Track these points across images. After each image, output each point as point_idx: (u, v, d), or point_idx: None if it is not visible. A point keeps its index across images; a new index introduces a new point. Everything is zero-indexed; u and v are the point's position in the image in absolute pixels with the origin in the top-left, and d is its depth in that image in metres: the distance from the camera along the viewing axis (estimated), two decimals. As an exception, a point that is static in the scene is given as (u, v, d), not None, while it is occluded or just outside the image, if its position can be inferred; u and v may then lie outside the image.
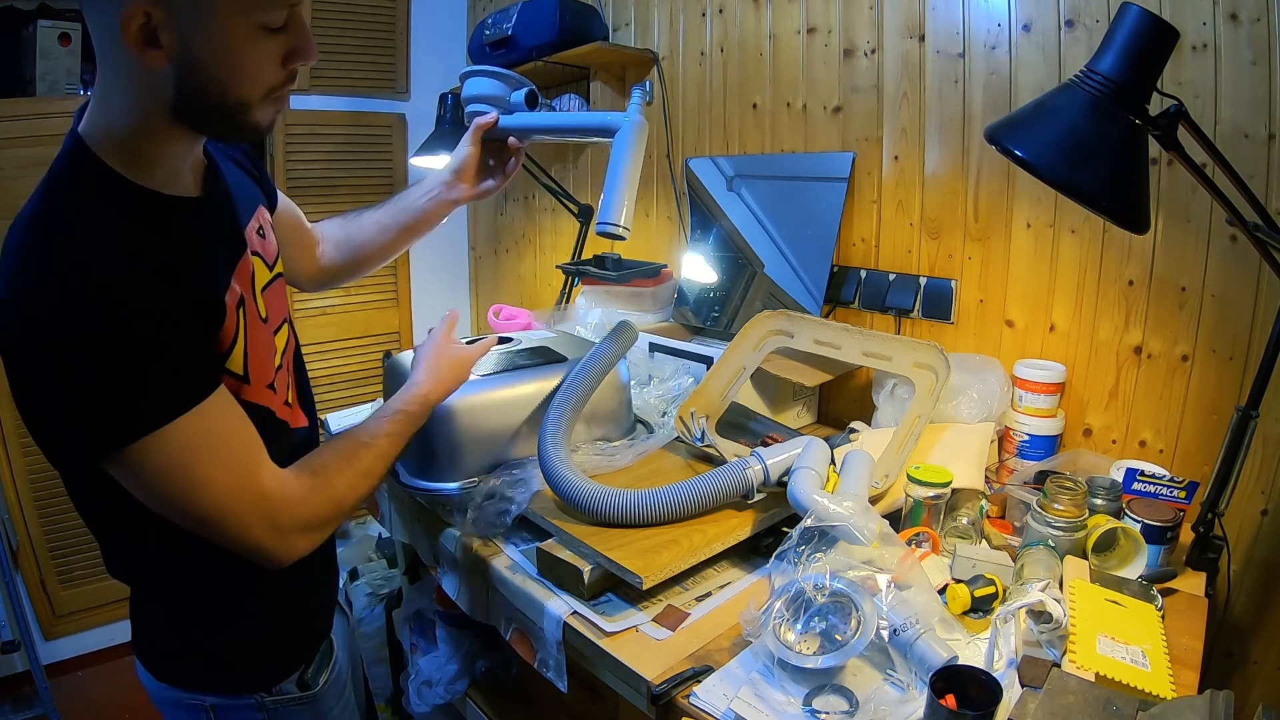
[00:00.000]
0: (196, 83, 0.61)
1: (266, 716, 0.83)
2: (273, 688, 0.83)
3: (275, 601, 0.84)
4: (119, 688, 2.14)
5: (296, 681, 0.85)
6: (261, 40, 0.62)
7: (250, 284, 0.77)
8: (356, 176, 2.52)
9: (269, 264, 0.84)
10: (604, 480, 0.99)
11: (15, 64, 1.95)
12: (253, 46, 0.62)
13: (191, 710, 0.81)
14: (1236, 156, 0.96)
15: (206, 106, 0.63)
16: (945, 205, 1.38)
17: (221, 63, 0.61)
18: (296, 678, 0.86)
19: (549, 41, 1.87)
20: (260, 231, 0.83)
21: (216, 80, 0.62)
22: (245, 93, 0.64)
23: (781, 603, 0.77)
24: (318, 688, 0.88)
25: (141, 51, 0.59)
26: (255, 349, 0.75)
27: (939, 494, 0.97)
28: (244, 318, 0.74)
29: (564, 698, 0.94)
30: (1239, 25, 1.01)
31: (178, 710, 0.82)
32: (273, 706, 0.83)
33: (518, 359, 1.18)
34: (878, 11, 1.42)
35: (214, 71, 0.61)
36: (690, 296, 1.74)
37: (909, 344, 1.16)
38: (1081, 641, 0.73)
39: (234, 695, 0.82)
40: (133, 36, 0.58)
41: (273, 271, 0.85)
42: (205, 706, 0.81)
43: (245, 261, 0.77)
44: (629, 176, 1.06)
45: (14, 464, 1.99)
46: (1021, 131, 0.82)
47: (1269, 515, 1.06)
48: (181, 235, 0.68)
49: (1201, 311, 1.10)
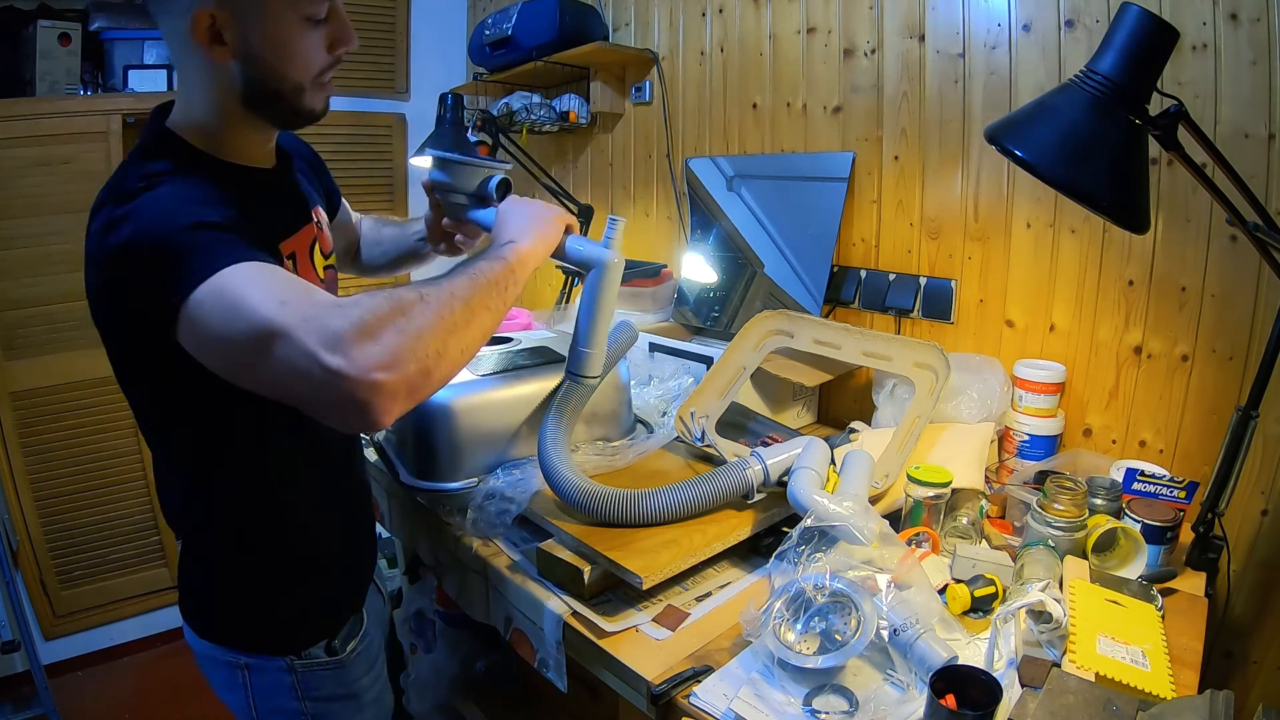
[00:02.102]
0: (258, 72, 0.72)
1: (295, 679, 0.86)
2: (301, 652, 0.86)
3: (306, 570, 0.87)
4: (119, 688, 2.14)
5: (325, 647, 0.88)
6: (308, 31, 0.72)
7: (309, 252, 0.85)
8: (357, 176, 2.51)
9: (324, 252, 0.91)
10: (604, 480, 0.99)
11: (15, 64, 1.95)
12: (301, 37, 0.72)
13: (228, 667, 0.85)
14: (1236, 156, 0.96)
15: (269, 93, 0.73)
16: (945, 205, 1.38)
17: (276, 53, 0.71)
18: (325, 644, 0.88)
19: (549, 41, 1.87)
20: (319, 223, 0.91)
21: (274, 68, 0.72)
22: (297, 76, 0.74)
23: (781, 603, 0.77)
24: (345, 654, 0.90)
25: (210, 49, 0.69)
26: None
27: (939, 494, 0.97)
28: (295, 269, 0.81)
29: (564, 698, 0.94)
30: (1239, 25, 1.01)
31: (217, 668, 0.86)
32: (301, 670, 0.86)
33: (518, 359, 1.18)
34: (878, 11, 1.42)
35: (271, 60, 0.71)
36: (690, 296, 1.74)
37: (909, 344, 1.16)
38: (1081, 641, 0.73)
39: (265, 655, 0.85)
40: (202, 36, 0.68)
41: (328, 259, 0.92)
42: (240, 664, 0.85)
43: (307, 230, 0.86)
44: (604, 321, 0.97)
45: (14, 464, 1.99)
46: (1021, 131, 0.82)
47: (1269, 515, 1.06)
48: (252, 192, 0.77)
49: (1201, 311, 1.10)
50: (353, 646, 0.91)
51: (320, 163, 1.03)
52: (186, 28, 0.67)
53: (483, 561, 0.99)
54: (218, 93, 0.73)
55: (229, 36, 0.69)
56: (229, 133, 0.76)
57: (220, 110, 0.74)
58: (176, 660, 2.23)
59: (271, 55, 0.71)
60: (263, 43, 0.70)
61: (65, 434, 2.04)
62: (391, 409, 0.63)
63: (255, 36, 0.70)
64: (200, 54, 0.69)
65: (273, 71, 0.72)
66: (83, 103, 1.95)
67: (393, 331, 0.62)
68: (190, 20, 0.67)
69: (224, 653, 0.85)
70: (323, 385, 0.60)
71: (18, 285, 1.92)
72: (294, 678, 0.86)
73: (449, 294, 0.69)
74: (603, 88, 2.01)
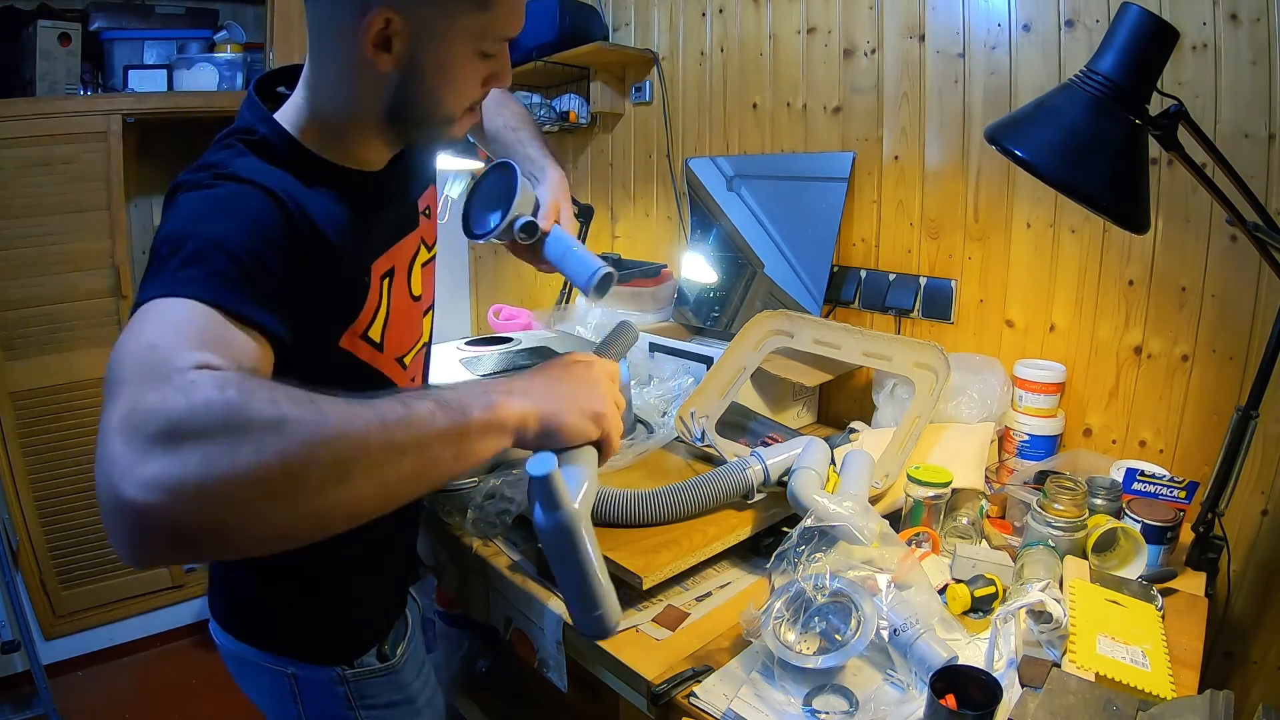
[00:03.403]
0: (416, 92, 0.66)
1: (348, 690, 0.83)
2: (354, 660, 0.83)
3: (357, 572, 0.83)
4: (119, 688, 2.14)
5: (377, 654, 0.85)
6: (477, 63, 0.68)
7: (409, 261, 0.80)
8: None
9: (428, 245, 0.87)
10: (604, 480, 0.99)
11: (15, 64, 1.95)
12: (470, 68, 0.67)
13: (274, 675, 0.81)
14: (1236, 156, 0.96)
15: (418, 116, 0.68)
16: (945, 205, 1.38)
17: (443, 78, 0.66)
18: (375, 650, 0.85)
19: (549, 41, 1.87)
20: (426, 211, 0.86)
21: (433, 92, 0.67)
22: (452, 106, 0.69)
23: (781, 603, 0.77)
24: (396, 658, 0.87)
25: (375, 54, 0.63)
26: (398, 321, 0.77)
27: (939, 494, 0.97)
28: (389, 290, 0.75)
29: (564, 698, 0.94)
30: (1239, 25, 1.01)
31: (257, 672, 0.82)
32: (354, 680, 0.83)
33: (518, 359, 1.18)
34: (878, 11, 1.42)
35: (432, 83, 0.66)
36: (690, 296, 1.74)
37: (909, 344, 1.16)
38: (1081, 641, 0.73)
39: (315, 665, 0.81)
40: (373, 37, 0.62)
41: (430, 251, 0.88)
42: (288, 674, 0.81)
43: (411, 238, 0.81)
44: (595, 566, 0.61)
45: (14, 464, 1.99)
46: (1021, 131, 0.82)
47: (1269, 515, 1.06)
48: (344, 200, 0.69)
49: (1201, 311, 1.10)
50: (402, 650, 0.88)
51: None
52: (358, 23, 0.61)
53: (483, 561, 0.99)
54: (361, 97, 0.67)
55: (399, 46, 0.63)
56: (352, 136, 0.70)
57: (356, 115, 0.68)
58: (176, 660, 2.23)
59: (436, 79, 0.66)
60: (433, 64, 0.65)
61: (65, 434, 2.03)
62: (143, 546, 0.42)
63: (427, 56, 0.64)
64: (359, 54, 0.63)
65: (431, 95, 0.67)
66: (83, 103, 1.95)
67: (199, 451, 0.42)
68: (366, 18, 0.61)
69: (267, 658, 0.81)
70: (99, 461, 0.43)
71: (18, 285, 1.91)
72: (347, 689, 0.83)
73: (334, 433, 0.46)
74: (603, 88, 2.01)
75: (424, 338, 0.87)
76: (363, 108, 0.68)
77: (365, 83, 0.66)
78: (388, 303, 0.75)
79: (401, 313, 0.78)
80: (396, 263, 0.77)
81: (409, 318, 0.81)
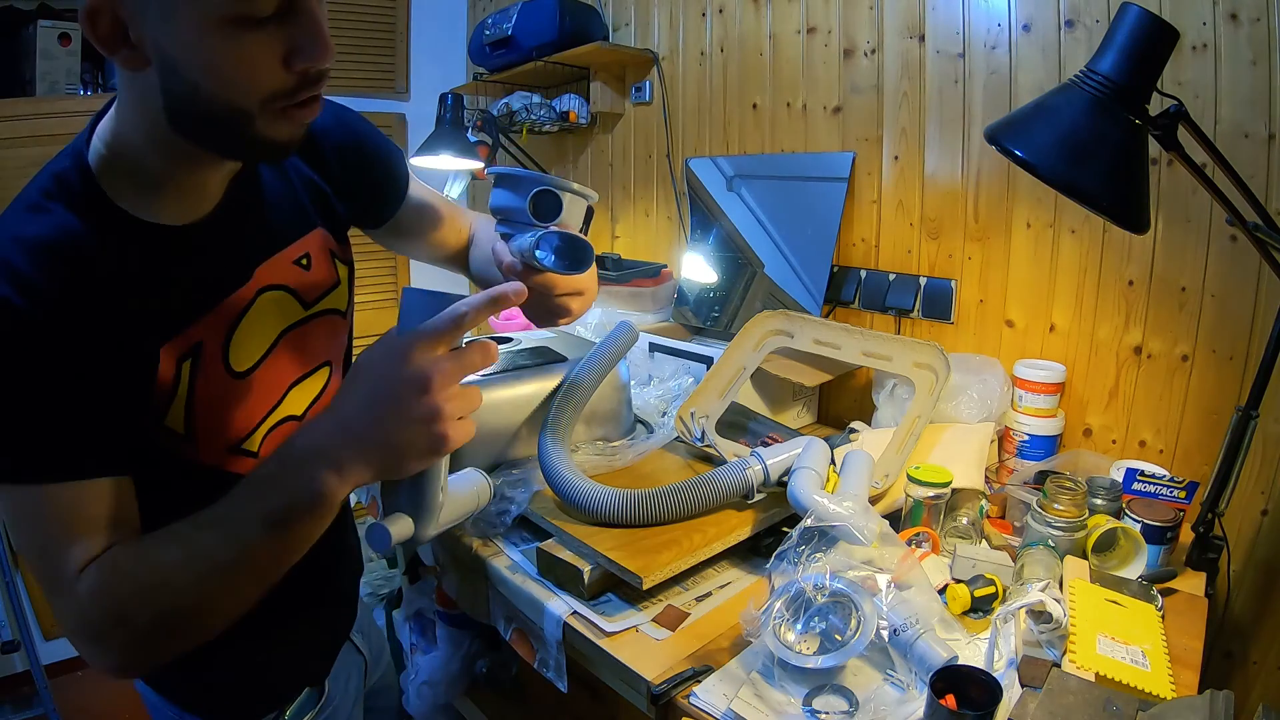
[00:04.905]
0: (180, 88, 0.52)
1: None
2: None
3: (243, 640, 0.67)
4: (119, 688, 2.13)
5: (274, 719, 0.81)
6: (242, 35, 0.50)
7: (228, 327, 0.65)
8: (356, 177, 2.51)
9: (305, 301, 0.71)
10: (604, 480, 0.99)
11: (15, 64, 1.95)
12: (232, 42, 0.50)
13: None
14: (1236, 156, 0.96)
15: (199, 116, 0.53)
16: (945, 205, 1.38)
17: (196, 62, 0.51)
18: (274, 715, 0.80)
19: (549, 41, 1.87)
20: (303, 261, 0.71)
21: (198, 84, 0.51)
22: (235, 99, 0.52)
23: (781, 603, 0.77)
24: None
25: (114, 51, 0.50)
26: (212, 404, 0.64)
27: (939, 494, 0.97)
28: (192, 370, 0.62)
29: (564, 698, 0.94)
30: (1239, 25, 1.01)
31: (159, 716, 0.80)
32: None
33: (518, 359, 1.18)
34: (878, 11, 1.42)
35: (191, 73, 0.51)
36: (690, 296, 1.74)
37: (909, 344, 1.16)
38: (1081, 641, 0.73)
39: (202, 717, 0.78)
40: (103, 35, 0.50)
41: (310, 309, 0.72)
42: None
43: (235, 299, 0.65)
44: None
45: (14, 464, 1.99)
46: (1021, 131, 0.82)
47: (1269, 515, 1.06)
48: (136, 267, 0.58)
49: (1201, 311, 1.10)
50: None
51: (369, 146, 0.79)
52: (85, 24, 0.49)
53: (483, 561, 0.99)
54: (144, 111, 0.55)
55: (134, 35, 0.50)
56: (157, 162, 0.57)
57: (148, 134, 0.56)
58: (176, 660, 2.23)
59: (190, 65, 0.51)
60: (176, 47, 0.50)
61: (65, 434, 2.04)
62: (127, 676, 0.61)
63: (165, 38, 0.50)
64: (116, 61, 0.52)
65: (196, 88, 0.51)
66: (83, 103, 1.95)
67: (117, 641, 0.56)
68: (86, 10, 0.49)
69: (164, 704, 0.78)
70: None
71: (18, 285, 1.91)
72: None
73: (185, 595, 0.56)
74: (603, 88, 2.01)
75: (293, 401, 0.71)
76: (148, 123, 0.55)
77: (136, 91, 0.54)
78: (189, 385, 0.62)
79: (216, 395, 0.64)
80: (208, 337, 0.63)
81: (228, 397, 0.65)
